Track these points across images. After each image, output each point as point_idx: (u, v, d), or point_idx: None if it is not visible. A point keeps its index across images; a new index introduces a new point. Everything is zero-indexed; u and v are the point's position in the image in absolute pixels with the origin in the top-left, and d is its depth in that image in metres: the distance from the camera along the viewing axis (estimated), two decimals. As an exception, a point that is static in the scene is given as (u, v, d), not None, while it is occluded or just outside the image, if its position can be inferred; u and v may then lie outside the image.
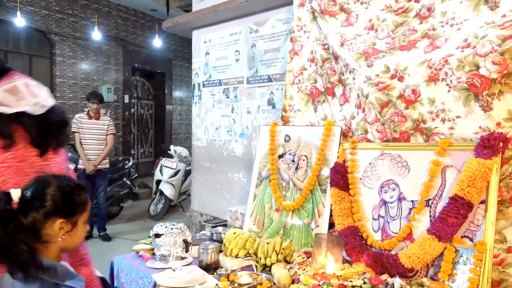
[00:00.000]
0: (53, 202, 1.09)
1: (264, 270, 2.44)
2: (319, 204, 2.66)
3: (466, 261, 1.95)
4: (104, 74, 8.40)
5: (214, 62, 4.42)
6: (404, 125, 2.39)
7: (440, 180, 2.18)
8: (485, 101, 2.09)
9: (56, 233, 1.11)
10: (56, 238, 1.12)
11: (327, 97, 2.97)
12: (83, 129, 5.30)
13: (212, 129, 4.45)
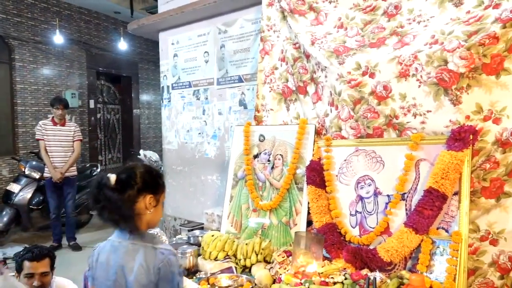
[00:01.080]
0: (143, 180, 1.35)
1: (244, 272, 2.41)
2: (296, 202, 2.67)
3: (443, 252, 2.00)
4: (67, 79, 8.13)
5: (183, 64, 4.35)
6: (377, 121, 2.43)
7: (414, 174, 2.22)
8: (454, 95, 2.15)
9: (146, 206, 1.36)
10: (146, 211, 1.36)
11: (299, 95, 2.98)
12: (48, 136, 5.11)
13: (183, 132, 4.38)
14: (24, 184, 5.73)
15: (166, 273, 1.33)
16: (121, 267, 1.35)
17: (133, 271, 1.32)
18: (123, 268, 1.34)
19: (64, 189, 5.24)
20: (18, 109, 7.21)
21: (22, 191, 5.68)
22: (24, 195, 5.67)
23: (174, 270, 1.35)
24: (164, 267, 1.33)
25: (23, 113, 7.30)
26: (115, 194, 1.30)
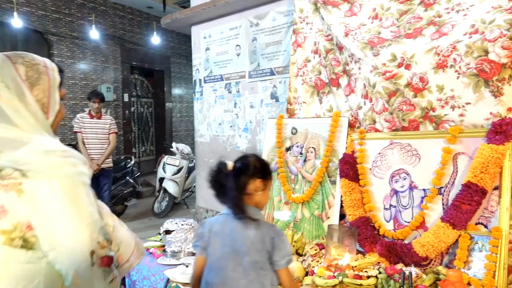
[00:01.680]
0: (254, 167, 1.58)
1: (277, 264, 2.42)
2: (329, 195, 2.65)
3: (482, 248, 1.94)
4: (102, 73, 8.35)
5: (214, 57, 4.39)
6: (412, 114, 2.38)
7: (451, 168, 2.17)
8: (495, 87, 2.07)
9: (255, 189, 1.58)
10: (255, 193, 1.58)
11: (332, 88, 2.95)
12: (85, 129, 5.27)
13: (215, 125, 4.43)
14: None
15: (279, 243, 1.54)
16: (237, 235, 1.54)
17: (249, 238, 1.52)
18: (240, 236, 1.54)
19: (100, 180, 5.40)
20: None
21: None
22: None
23: (285, 240, 1.58)
24: (278, 238, 1.55)
25: (62, 107, 7.56)
26: (232, 176, 1.53)
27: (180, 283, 2.19)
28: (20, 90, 1.13)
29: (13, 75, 1.13)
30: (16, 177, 1.04)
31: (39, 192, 1.03)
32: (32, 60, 1.19)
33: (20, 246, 1.01)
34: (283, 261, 1.54)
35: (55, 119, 1.21)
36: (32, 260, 1.01)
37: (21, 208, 1.02)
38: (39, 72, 1.18)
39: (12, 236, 1.01)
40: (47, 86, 1.19)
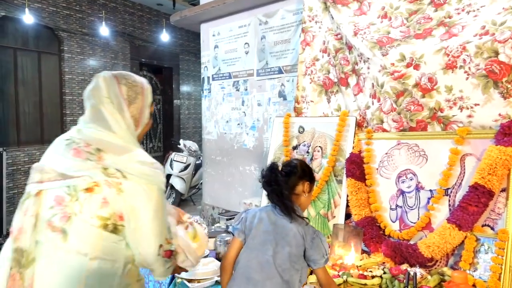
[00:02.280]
0: (303, 170, 1.70)
1: (281, 262, 2.43)
2: (335, 195, 2.65)
3: (488, 250, 1.93)
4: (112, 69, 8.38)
5: (223, 55, 4.40)
6: (420, 114, 2.37)
7: (459, 169, 2.16)
8: (505, 88, 2.06)
9: (304, 190, 1.69)
10: (302, 194, 1.69)
11: (340, 87, 2.95)
12: (94, 125, 5.32)
13: (222, 122, 4.44)
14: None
15: (318, 243, 1.62)
16: (283, 225, 1.64)
17: (292, 231, 1.61)
18: (285, 227, 1.63)
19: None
20: (66, 98, 7.53)
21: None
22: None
23: (324, 241, 1.65)
24: (317, 238, 1.63)
25: (71, 103, 7.62)
26: (283, 177, 1.64)
27: (185, 279, 2.21)
28: (120, 106, 1.42)
29: (117, 93, 1.43)
30: (118, 177, 1.34)
31: (134, 193, 1.35)
32: (133, 82, 1.47)
33: (110, 230, 1.33)
34: (322, 260, 1.63)
35: (141, 131, 1.51)
36: (116, 241, 1.34)
37: (118, 203, 1.33)
38: (137, 93, 1.47)
39: (107, 222, 1.33)
40: (141, 104, 1.48)
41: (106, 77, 1.45)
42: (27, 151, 6.80)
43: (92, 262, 1.31)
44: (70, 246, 1.31)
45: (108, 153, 1.37)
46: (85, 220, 1.32)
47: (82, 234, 1.32)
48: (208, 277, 2.14)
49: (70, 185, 1.35)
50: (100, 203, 1.33)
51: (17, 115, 6.87)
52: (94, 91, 1.44)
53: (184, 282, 2.21)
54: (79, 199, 1.33)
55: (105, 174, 1.34)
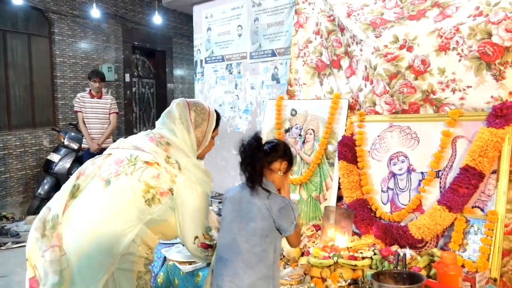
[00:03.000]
0: (284, 150, 1.71)
1: (273, 244, 2.44)
2: (327, 177, 2.65)
3: (477, 231, 1.95)
4: (104, 52, 8.28)
5: (216, 37, 4.34)
6: (413, 97, 2.36)
7: (450, 151, 2.16)
8: (498, 70, 2.05)
9: (280, 168, 1.69)
10: (277, 172, 1.69)
11: (333, 70, 2.92)
12: (86, 108, 5.26)
13: (215, 106, 4.40)
14: (63, 154, 5.97)
15: (286, 212, 1.63)
16: (245, 201, 1.65)
17: (256, 205, 1.61)
18: (247, 202, 1.64)
19: (101, 160, 5.43)
20: (57, 81, 7.43)
21: (62, 161, 5.93)
22: (64, 165, 5.91)
23: (293, 208, 1.67)
24: (286, 207, 1.63)
25: (62, 86, 7.52)
26: (262, 151, 1.65)
27: (177, 262, 2.21)
28: (188, 128, 1.75)
29: (187, 117, 1.76)
30: (175, 167, 1.65)
31: (184, 188, 1.65)
32: (201, 109, 1.80)
33: (146, 198, 1.59)
34: (291, 227, 1.64)
35: (202, 152, 1.83)
36: (143, 212, 1.59)
37: (167, 184, 1.63)
38: (203, 119, 1.78)
39: (150, 190, 1.59)
40: (205, 129, 1.79)
41: (180, 102, 1.80)
42: (19, 135, 6.73)
43: (111, 217, 1.54)
44: (104, 193, 1.58)
45: (174, 149, 1.69)
46: (132, 180, 1.58)
47: (122, 189, 1.58)
48: (200, 259, 2.14)
49: (133, 154, 1.65)
50: (153, 175, 1.61)
51: (8, 98, 6.77)
52: (169, 113, 1.79)
53: (175, 264, 2.22)
54: (136, 165, 1.62)
55: (166, 161, 1.64)
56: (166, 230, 1.71)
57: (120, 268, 1.55)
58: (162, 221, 1.66)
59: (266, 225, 1.61)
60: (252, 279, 1.58)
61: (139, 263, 1.62)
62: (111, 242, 1.53)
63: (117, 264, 1.54)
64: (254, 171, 1.63)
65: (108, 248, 1.53)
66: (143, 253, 1.62)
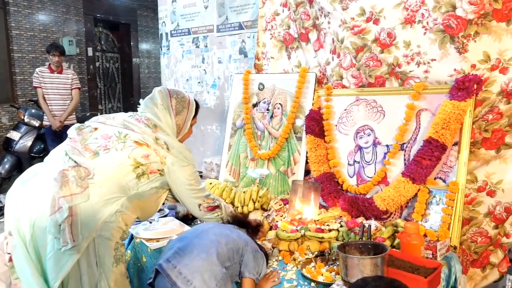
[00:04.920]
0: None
1: (242, 219, 2.44)
2: (295, 152, 2.66)
3: (439, 202, 2.01)
4: (64, 25, 7.90)
5: (181, 9, 4.19)
6: (379, 70, 2.37)
7: (414, 124, 2.19)
8: (461, 43, 2.07)
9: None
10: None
11: (301, 43, 2.89)
12: (46, 84, 5.03)
13: (182, 81, 4.31)
14: (24, 132, 5.72)
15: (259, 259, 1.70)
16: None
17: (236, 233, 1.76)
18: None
19: (64, 137, 5.21)
20: (15, 56, 7.06)
21: (23, 139, 5.69)
22: (25, 143, 5.68)
23: (264, 262, 1.73)
24: (260, 255, 1.72)
25: (20, 60, 7.16)
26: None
27: (144, 239, 2.18)
28: (170, 114, 1.84)
29: (168, 104, 1.84)
30: (163, 148, 1.72)
31: (174, 169, 1.74)
32: (182, 97, 1.89)
33: (137, 173, 1.65)
34: (255, 275, 1.66)
35: (181, 138, 1.90)
36: (131, 185, 1.64)
37: (156, 165, 1.70)
38: (183, 106, 1.88)
39: (139, 166, 1.66)
40: (185, 117, 1.89)
41: (162, 90, 1.88)
42: (-25, 112, 6.42)
43: (100, 183, 1.57)
44: (93, 163, 1.60)
45: (161, 131, 1.77)
46: (122, 156, 1.64)
47: (111, 161, 1.61)
48: (167, 236, 2.12)
49: (122, 132, 1.70)
50: (142, 154, 1.67)
51: (-39, 74, 6.41)
52: (151, 99, 1.85)
53: (142, 242, 2.19)
54: (126, 143, 1.67)
55: (155, 142, 1.71)
56: (145, 206, 1.76)
57: (101, 235, 1.57)
58: (144, 197, 1.71)
59: (232, 254, 1.64)
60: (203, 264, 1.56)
61: (117, 234, 1.63)
62: (95, 208, 1.55)
63: (99, 231, 1.55)
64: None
65: (93, 213, 1.54)
66: (122, 225, 1.64)
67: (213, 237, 1.65)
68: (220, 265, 1.56)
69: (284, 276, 1.76)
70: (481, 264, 2.16)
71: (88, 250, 1.56)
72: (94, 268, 1.58)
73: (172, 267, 1.54)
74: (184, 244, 1.64)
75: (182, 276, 1.51)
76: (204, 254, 1.57)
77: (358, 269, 1.50)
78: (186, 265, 1.53)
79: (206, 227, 1.79)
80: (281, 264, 1.89)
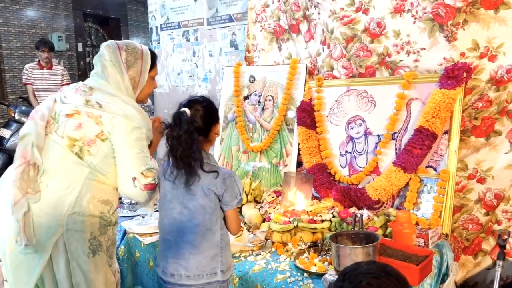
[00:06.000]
0: (216, 111, 1.62)
1: (235, 211, 2.44)
2: (287, 143, 2.66)
3: (430, 190, 2.02)
4: (53, 20, 7.80)
5: (171, 3, 4.16)
6: (369, 60, 2.37)
7: (405, 113, 2.20)
8: (450, 31, 2.07)
9: (217, 132, 1.60)
10: (215, 137, 1.61)
11: (291, 34, 2.88)
12: (36, 80, 4.98)
13: (173, 75, 4.28)
14: (15, 130, 5.65)
15: (231, 183, 1.51)
16: (185, 178, 1.50)
17: (197, 181, 1.49)
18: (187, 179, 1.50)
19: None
20: (3, 52, 6.98)
21: (14, 137, 5.62)
22: (16, 141, 5.56)
23: (237, 180, 1.56)
24: (229, 178, 1.52)
25: (9, 57, 7.08)
26: (193, 125, 1.48)
27: (137, 234, 2.18)
28: (120, 69, 1.63)
29: (118, 58, 1.64)
30: (95, 107, 1.54)
31: (112, 127, 1.53)
32: (133, 48, 1.67)
33: (75, 152, 1.52)
34: (235, 201, 1.54)
35: (141, 94, 1.71)
36: (78, 165, 1.51)
37: (92, 130, 1.52)
38: (136, 58, 1.66)
39: (75, 143, 1.52)
40: (139, 69, 1.67)
41: (109, 44, 1.67)
42: (-36, 111, 6.34)
43: (48, 179, 1.48)
44: (33, 158, 1.48)
45: (98, 92, 1.58)
46: (56, 139, 1.52)
47: (51, 149, 1.51)
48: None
49: (57, 111, 1.57)
50: (74, 126, 1.53)
51: (-51, 72, 6.33)
52: (99, 57, 1.66)
53: (136, 237, 2.19)
54: (59, 121, 1.54)
55: (85, 105, 1.55)
56: (115, 182, 1.60)
57: (70, 229, 1.49)
58: (105, 173, 1.56)
59: (209, 202, 1.50)
60: (198, 259, 1.51)
61: (91, 223, 1.53)
62: (52, 205, 1.47)
63: (65, 226, 1.48)
64: (192, 157, 1.46)
65: (51, 211, 1.47)
66: (95, 211, 1.53)
67: (188, 224, 1.53)
68: (208, 240, 1.52)
69: (277, 268, 1.77)
70: (473, 251, 2.18)
71: (58, 247, 1.49)
72: (67, 264, 1.51)
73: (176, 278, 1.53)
74: (172, 250, 1.56)
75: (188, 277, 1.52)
76: (195, 250, 1.52)
77: (350, 258, 1.50)
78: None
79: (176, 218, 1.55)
80: (274, 255, 1.89)
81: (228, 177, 1.52)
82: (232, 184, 1.52)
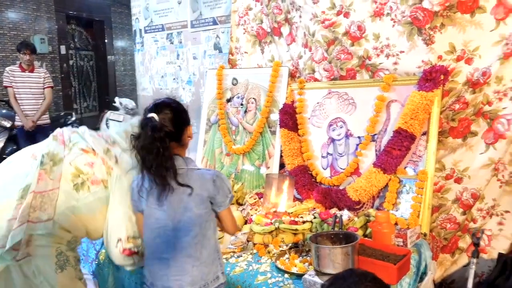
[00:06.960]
0: (186, 112, 1.56)
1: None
2: (269, 146, 2.67)
3: (409, 190, 2.05)
4: (35, 23, 7.70)
5: (155, 5, 4.15)
6: (350, 63, 2.40)
7: (385, 115, 2.23)
8: (428, 35, 2.11)
9: (189, 135, 1.54)
10: (188, 140, 1.54)
11: (273, 37, 2.90)
12: (17, 83, 4.90)
13: (157, 78, 4.27)
14: (-5, 133, 5.58)
15: (220, 183, 1.48)
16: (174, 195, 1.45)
17: (184, 194, 1.44)
18: (178, 194, 1.45)
19: (37, 138, 5.10)
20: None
21: (-6, 139, 5.55)
22: (-1, 144, 5.54)
23: (225, 178, 1.53)
24: (218, 178, 1.48)
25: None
26: (163, 131, 1.41)
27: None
28: None
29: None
30: (112, 160, 1.58)
31: (118, 184, 1.56)
32: None
33: (74, 183, 1.51)
34: (227, 200, 1.51)
35: None
36: (69, 196, 1.50)
37: (101, 174, 1.55)
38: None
39: (80, 175, 1.52)
40: None
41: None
42: None
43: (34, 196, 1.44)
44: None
45: (118, 147, 1.62)
46: (64, 163, 1.51)
47: (54, 173, 1.49)
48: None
49: (73, 139, 1.58)
50: (87, 161, 1.54)
51: None
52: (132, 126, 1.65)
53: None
54: (72, 150, 1.55)
55: (105, 152, 1.57)
56: (90, 224, 1.58)
57: (36, 245, 1.47)
58: (87, 213, 1.54)
59: (204, 208, 1.46)
60: (201, 269, 1.47)
61: (58, 241, 1.52)
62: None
63: (32, 241, 1.46)
64: (164, 166, 1.40)
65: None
66: (63, 235, 1.52)
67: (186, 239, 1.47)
68: (206, 247, 1.49)
69: (258, 269, 1.77)
70: (450, 250, 2.22)
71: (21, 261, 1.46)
72: (32, 278, 1.47)
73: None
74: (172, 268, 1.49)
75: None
76: (197, 262, 1.48)
77: (329, 258, 1.52)
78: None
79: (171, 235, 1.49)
80: (256, 257, 1.90)
81: (217, 178, 1.49)
82: (222, 184, 1.49)
